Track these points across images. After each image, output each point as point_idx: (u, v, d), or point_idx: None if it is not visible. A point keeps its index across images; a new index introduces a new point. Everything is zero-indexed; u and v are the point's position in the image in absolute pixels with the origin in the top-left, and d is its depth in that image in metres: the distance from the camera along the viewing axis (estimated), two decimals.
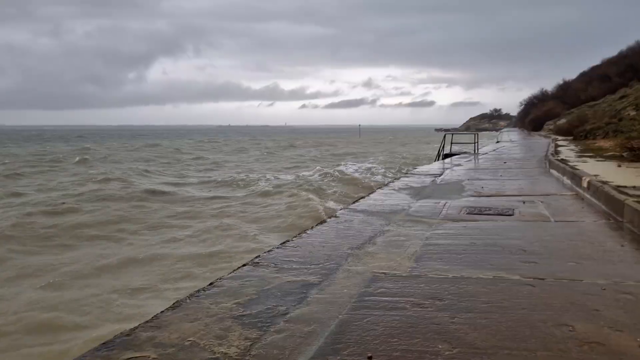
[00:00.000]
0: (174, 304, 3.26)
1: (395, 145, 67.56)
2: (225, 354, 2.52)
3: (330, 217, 6.38)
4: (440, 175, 11.94)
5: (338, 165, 29.77)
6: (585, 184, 7.86)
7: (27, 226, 12.40)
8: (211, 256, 9.76)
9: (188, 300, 3.31)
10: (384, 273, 3.93)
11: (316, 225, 5.90)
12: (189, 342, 2.66)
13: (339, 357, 2.50)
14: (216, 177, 24.89)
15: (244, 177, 23.52)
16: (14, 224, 12.48)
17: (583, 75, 62.02)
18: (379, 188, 9.76)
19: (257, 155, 46.72)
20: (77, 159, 36.37)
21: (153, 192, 18.59)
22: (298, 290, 3.52)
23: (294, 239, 5.14)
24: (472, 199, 7.97)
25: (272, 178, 23.48)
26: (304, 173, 25.58)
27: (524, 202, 7.38)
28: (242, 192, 19.16)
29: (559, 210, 6.71)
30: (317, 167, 27.49)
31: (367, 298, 3.36)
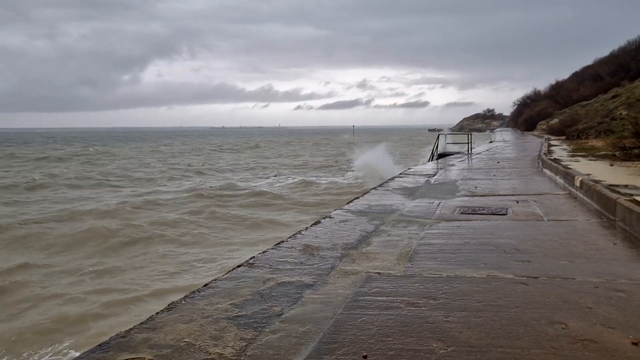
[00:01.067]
0: (169, 305, 3.26)
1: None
2: (221, 354, 2.53)
3: (324, 218, 6.39)
4: (434, 175, 11.98)
5: None
6: (577, 183, 7.92)
7: None
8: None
9: (183, 302, 3.31)
10: (379, 273, 3.94)
11: (311, 225, 5.90)
12: (184, 343, 2.66)
13: (334, 357, 2.51)
14: None
15: None
16: None
17: (575, 75, 62.37)
18: (373, 188, 9.77)
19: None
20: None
21: None
22: (293, 290, 3.52)
23: (288, 239, 5.15)
24: (465, 198, 8.00)
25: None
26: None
27: (517, 202, 7.42)
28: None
29: (552, 209, 6.76)
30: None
31: (361, 298, 3.38)
